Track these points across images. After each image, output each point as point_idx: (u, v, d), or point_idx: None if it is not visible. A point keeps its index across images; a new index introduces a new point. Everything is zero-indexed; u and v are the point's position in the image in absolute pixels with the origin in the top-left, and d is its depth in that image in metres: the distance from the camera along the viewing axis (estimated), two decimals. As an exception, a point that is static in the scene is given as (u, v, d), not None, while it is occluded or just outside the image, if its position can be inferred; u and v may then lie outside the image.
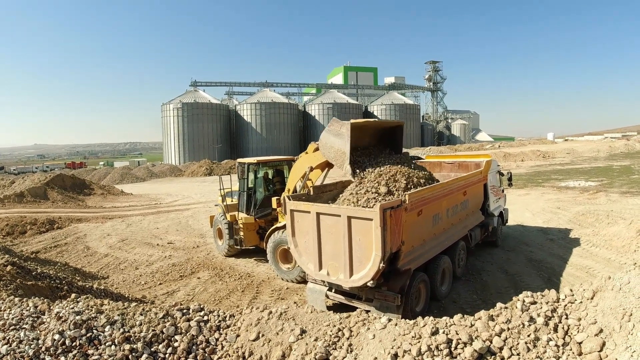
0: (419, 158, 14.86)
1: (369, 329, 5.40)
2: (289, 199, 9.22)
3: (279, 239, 12.22)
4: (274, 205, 12.54)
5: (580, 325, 5.18)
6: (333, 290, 9.23)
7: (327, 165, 11.62)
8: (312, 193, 10.19)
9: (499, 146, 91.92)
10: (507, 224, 16.14)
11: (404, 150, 11.54)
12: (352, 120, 9.66)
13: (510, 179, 16.00)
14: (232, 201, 14.86)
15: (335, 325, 5.60)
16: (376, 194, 9.04)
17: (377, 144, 11.34)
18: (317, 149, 11.28)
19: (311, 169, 11.48)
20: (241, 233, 14.12)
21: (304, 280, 11.55)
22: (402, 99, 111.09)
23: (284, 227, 11.87)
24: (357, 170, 9.87)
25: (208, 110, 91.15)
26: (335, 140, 9.89)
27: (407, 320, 5.57)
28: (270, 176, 14.95)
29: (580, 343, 4.97)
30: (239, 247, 14.41)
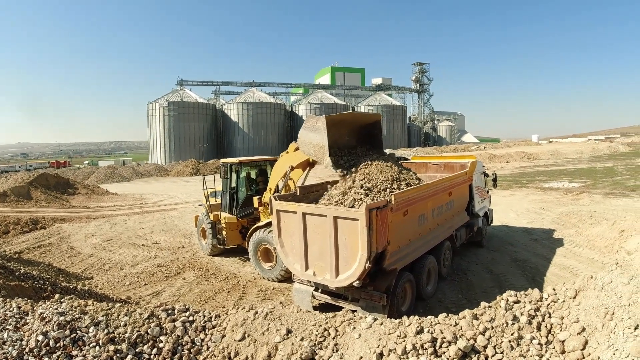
0: (405, 159, 14.93)
1: (354, 328, 5.42)
2: (275, 199, 9.21)
3: (261, 238, 12.32)
4: (255, 204, 12.74)
5: (563, 323, 5.24)
6: (319, 291, 9.22)
7: (308, 165, 11.76)
8: (298, 193, 10.19)
9: (484, 147, 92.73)
10: (492, 224, 16.29)
11: (390, 151, 11.61)
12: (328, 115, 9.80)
13: (495, 180, 16.14)
14: (215, 201, 14.91)
15: (321, 325, 5.61)
16: (362, 194, 9.07)
17: (358, 141, 11.32)
18: (297, 149, 11.37)
19: (292, 169, 11.62)
20: (224, 232, 14.19)
21: (285, 279, 11.90)
22: (389, 100, 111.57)
23: (265, 226, 12.34)
24: (342, 162, 9.93)
25: (194, 110, 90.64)
26: (313, 136, 9.98)
27: (392, 319, 5.60)
28: (253, 176, 15.08)
29: (563, 341, 5.03)
30: (221, 246, 14.45)
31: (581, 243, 14.21)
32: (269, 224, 12.22)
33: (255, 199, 12.78)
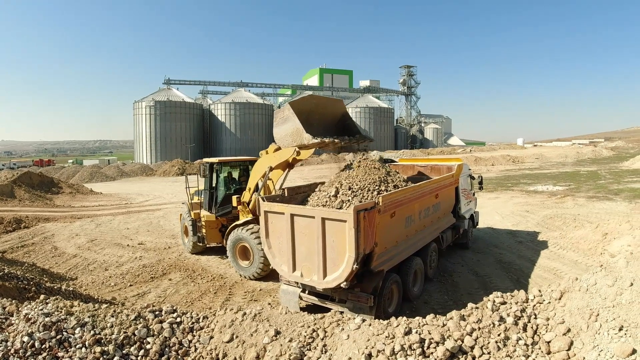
0: (392, 161, 15.01)
1: (343, 329, 5.43)
2: (263, 200, 9.20)
3: (238, 236, 12.58)
4: (234, 203, 13.15)
5: (548, 324, 5.31)
6: (307, 292, 9.22)
7: (287, 166, 12.13)
8: (286, 194, 10.18)
9: (471, 150, 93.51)
10: (477, 226, 16.43)
11: (377, 152, 11.64)
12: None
13: (481, 183, 16.29)
14: (199, 200, 15.04)
15: (309, 326, 5.61)
16: (350, 196, 9.10)
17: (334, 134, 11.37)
18: (278, 149, 11.58)
19: (271, 169, 11.89)
20: (204, 230, 14.40)
21: (261, 277, 12.32)
22: (377, 102, 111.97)
23: (243, 224, 12.76)
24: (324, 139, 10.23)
25: (181, 109, 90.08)
26: (286, 126, 10.27)
27: (380, 320, 5.62)
28: (235, 176, 15.44)
29: (548, 342, 5.10)
30: (202, 244, 14.65)
31: (565, 245, 14.39)
32: (246, 223, 12.70)
33: (234, 198, 13.18)
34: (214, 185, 14.50)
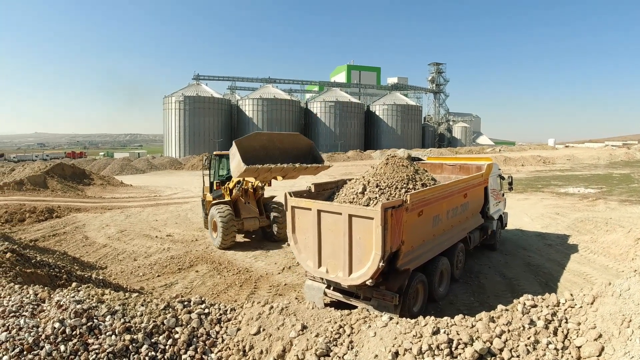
0: (420, 159, 14.88)
1: (370, 326, 5.42)
2: (291, 196, 9.23)
3: (212, 213, 15.64)
4: (215, 187, 17.06)
5: (579, 329, 5.20)
6: (331, 288, 9.23)
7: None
8: (313, 190, 10.19)
9: (500, 150, 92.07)
10: (506, 227, 16.18)
11: (405, 151, 11.64)
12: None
13: (510, 183, 16.02)
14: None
15: (336, 322, 5.61)
16: (377, 193, 9.06)
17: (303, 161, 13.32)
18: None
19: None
20: (207, 209, 17.14)
21: (227, 247, 15.19)
22: (405, 99, 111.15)
23: (217, 204, 15.76)
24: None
25: (210, 105, 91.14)
26: (234, 160, 11.94)
27: (408, 319, 5.59)
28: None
29: (579, 347, 4.99)
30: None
31: (596, 250, 14.06)
32: (218, 203, 15.81)
33: (217, 182, 16.97)
34: (213, 173, 17.59)
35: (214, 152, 18.20)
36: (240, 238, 16.51)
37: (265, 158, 12.70)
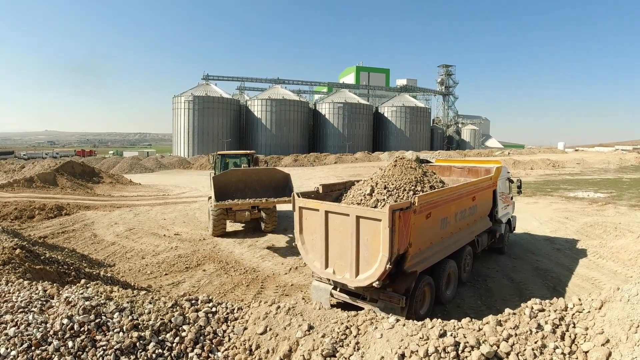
0: (428, 161, 14.86)
1: (376, 328, 5.42)
2: (299, 196, 9.25)
3: (208, 206, 18.06)
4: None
5: (587, 334, 5.17)
6: (338, 289, 9.23)
7: None
8: (320, 191, 10.21)
9: (509, 153, 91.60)
10: (514, 231, 16.10)
11: (413, 153, 11.66)
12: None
13: (519, 187, 15.94)
14: None
15: (342, 323, 5.62)
16: (385, 195, 9.07)
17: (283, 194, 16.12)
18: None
19: None
20: None
21: (218, 235, 17.11)
22: (413, 101, 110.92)
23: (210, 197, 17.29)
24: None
25: (219, 105, 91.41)
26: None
27: (415, 321, 5.58)
28: (232, 165, 20.24)
29: (586, 352, 4.97)
30: None
31: (605, 255, 13.96)
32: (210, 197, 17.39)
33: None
34: (215, 170, 19.73)
35: (217, 152, 20.64)
36: (238, 227, 19.14)
37: (244, 190, 16.28)
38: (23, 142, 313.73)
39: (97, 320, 5.52)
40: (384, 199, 9.02)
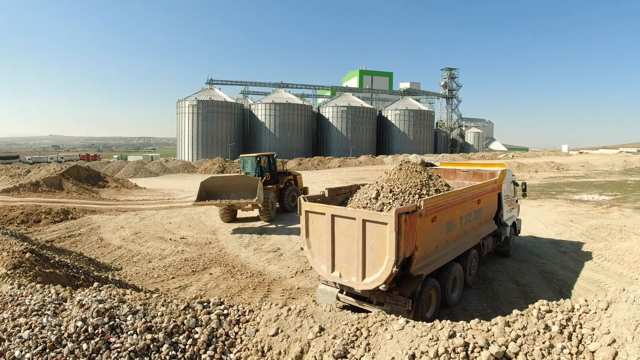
0: (433, 165, 14.92)
1: (386, 329, 5.49)
2: (305, 200, 9.34)
3: None
4: None
5: (593, 334, 5.24)
6: (344, 293, 9.30)
7: None
8: (326, 195, 10.29)
9: (513, 156, 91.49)
10: (519, 234, 16.12)
11: (418, 156, 11.75)
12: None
13: (524, 190, 15.97)
14: None
15: (353, 325, 5.69)
16: (391, 199, 9.14)
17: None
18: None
19: None
20: None
21: (227, 221, 21.15)
22: (417, 104, 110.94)
23: None
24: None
25: (223, 109, 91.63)
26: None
27: (425, 322, 5.66)
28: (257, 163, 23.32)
29: (593, 352, 5.03)
30: None
31: (610, 257, 13.99)
32: None
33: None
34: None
35: (241, 155, 24.88)
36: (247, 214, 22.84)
37: (223, 192, 20.39)
38: (28, 146, 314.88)
39: (110, 323, 5.61)
40: (389, 203, 9.10)
